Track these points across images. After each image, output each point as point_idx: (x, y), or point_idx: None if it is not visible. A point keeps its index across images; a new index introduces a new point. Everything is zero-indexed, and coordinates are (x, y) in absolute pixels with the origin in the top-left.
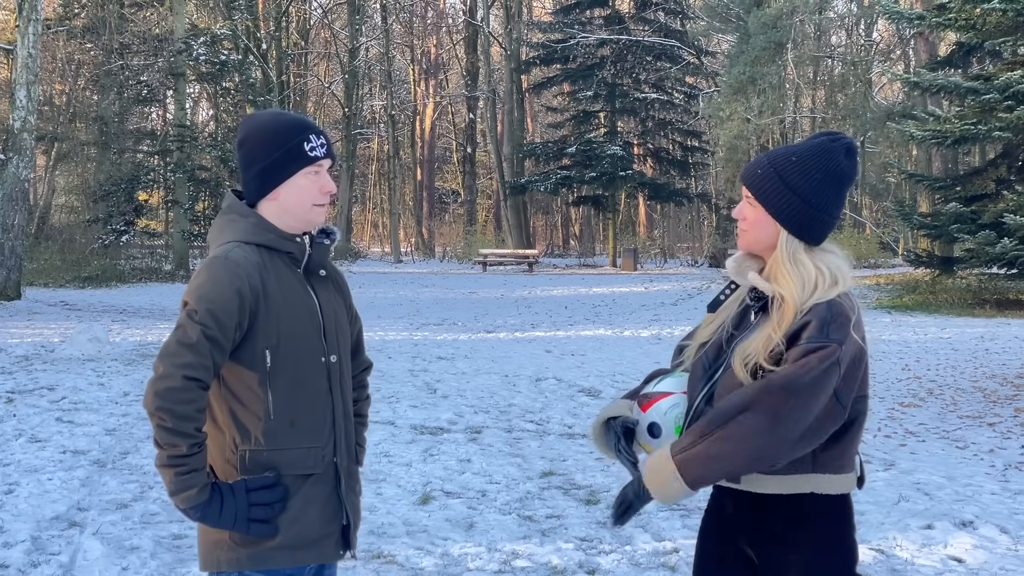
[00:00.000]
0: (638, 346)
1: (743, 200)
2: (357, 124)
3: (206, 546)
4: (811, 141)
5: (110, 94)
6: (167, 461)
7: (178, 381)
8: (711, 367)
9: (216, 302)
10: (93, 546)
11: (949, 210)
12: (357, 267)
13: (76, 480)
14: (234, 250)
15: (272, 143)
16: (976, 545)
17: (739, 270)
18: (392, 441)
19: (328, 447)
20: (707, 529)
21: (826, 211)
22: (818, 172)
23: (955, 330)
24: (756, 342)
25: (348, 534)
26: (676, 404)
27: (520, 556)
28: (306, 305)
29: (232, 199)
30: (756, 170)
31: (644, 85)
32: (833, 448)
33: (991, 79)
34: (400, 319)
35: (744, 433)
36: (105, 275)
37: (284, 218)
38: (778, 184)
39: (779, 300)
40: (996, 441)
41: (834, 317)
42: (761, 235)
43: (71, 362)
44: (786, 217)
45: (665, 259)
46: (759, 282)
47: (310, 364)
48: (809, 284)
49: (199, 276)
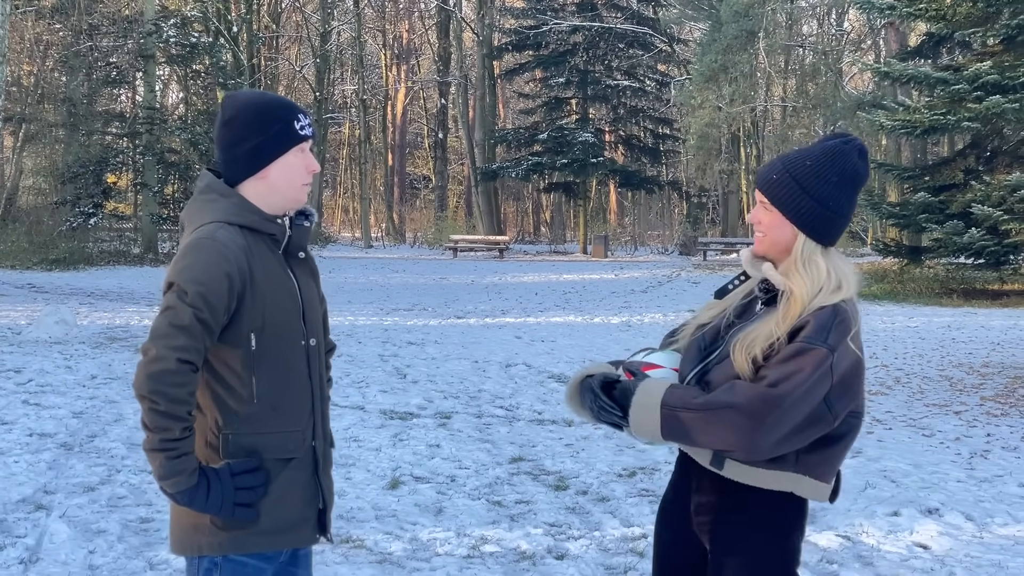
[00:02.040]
0: (608, 333)
1: (758, 205)
2: (328, 108)
3: (183, 530)
4: (823, 144)
5: (79, 75)
6: (159, 445)
7: (172, 364)
8: (706, 349)
9: (207, 284)
10: (60, 529)
11: (918, 200)
12: (327, 252)
13: (43, 463)
14: (219, 231)
15: (265, 121)
16: (942, 532)
17: (753, 262)
18: (361, 426)
19: (308, 430)
20: (663, 516)
21: (841, 213)
22: (834, 175)
23: (922, 319)
24: (759, 333)
25: (324, 518)
26: (666, 377)
27: (489, 541)
28: (287, 288)
29: (211, 178)
30: (771, 175)
31: (616, 72)
32: (818, 454)
33: (960, 70)
34: (370, 304)
35: (725, 426)
36: (73, 258)
37: (270, 197)
38: (795, 189)
39: (788, 295)
40: (962, 429)
41: (836, 323)
42: (778, 239)
43: (38, 345)
44: (804, 221)
45: (636, 247)
46: (773, 275)
47: (292, 348)
48: (818, 284)
49: (186, 257)
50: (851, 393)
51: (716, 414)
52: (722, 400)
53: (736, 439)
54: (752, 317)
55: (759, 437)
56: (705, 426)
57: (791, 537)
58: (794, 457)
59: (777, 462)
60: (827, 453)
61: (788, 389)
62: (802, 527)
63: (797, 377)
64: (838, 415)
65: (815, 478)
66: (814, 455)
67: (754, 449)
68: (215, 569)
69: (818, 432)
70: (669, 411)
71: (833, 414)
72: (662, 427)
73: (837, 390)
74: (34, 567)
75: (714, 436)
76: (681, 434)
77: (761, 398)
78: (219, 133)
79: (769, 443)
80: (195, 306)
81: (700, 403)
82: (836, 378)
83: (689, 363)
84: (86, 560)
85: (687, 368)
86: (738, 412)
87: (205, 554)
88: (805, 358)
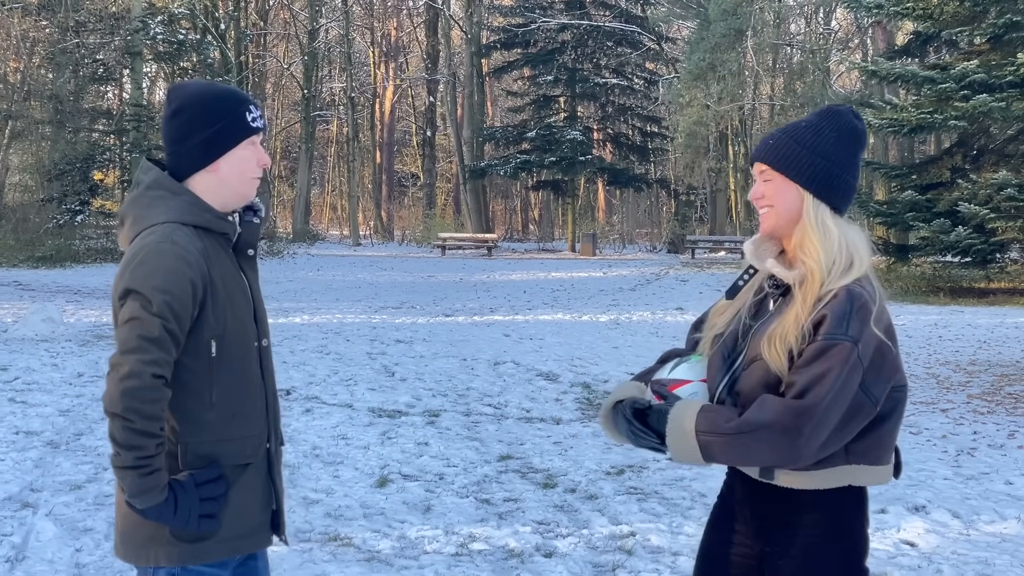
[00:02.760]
0: (596, 331)
1: (756, 182)
2: (316, 106)
3: (138, 539)
4: (816, 111)
5: (65, 72)
6: (132, 463)
7: (147, 380)
8: (730, 357)
9: (172, 293)
10: (46, 527)
11: (905, 198)
12: (315, 249)
13: (29, 461)
14: (176, 233)
15: (216, 112)
16: (928, 529)
17: (757, 254)
18: (350, 424)
19: (264, 434)
20: (717, 518)
21: (845, 168)
22: (831, 131)
23: (909, 317)
24: (786, 324)
25: (278, 518)
26: (696, 392)
27: (477, 539)
28: (242, 289)
29: (158, 172)
30: (768, 142)
31: (604, 70)
32: (867, 439)
33: (947, 68)
34: (358, 302)
35: (763, 447)
36: (59, 255)
37: (220, 192)
38: (792, 146)
39: (801, 280)
40: (949, 427)
41: (855, 310)
42: (785, 206)
43: (24, 342)
44: (808, 177)
45: (624, 244)
46: (777, 269)
47: (248, 351)
48: (832, 256)
49: (147, 262)
50: (886, 374)
51: (750, 436)
52: (754, 421)
53: (778, 456)
54: (768, 314)
55: (800, 449)
56: (742, 449)
57: (855, 531)
58: (843, 451)
59: (827, 460)
60: (876, 436)
61: (819, 395)
62: (865, 517)
63: (826, 380)
64: (879, 399)
65: (870, 463)
66: (863, 442)
67: (799, 460)
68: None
69: (863, 421)
70: (704, 438)
71: (873, 400)
72: (702, 454)
73: (871, 376)
74: (20, 565)
75: (755, 456)
76: (721, 459)
77: (793, 412)
78: (167, 126)
79: (812, 450)
80: (163, 316)
81: (732, 428)
82: (866, 364)
83: (716, 375)
84: (73, 558)
85: (715, 380)
86: (771, 431)
87: (163, 565)
88: (830, 357)
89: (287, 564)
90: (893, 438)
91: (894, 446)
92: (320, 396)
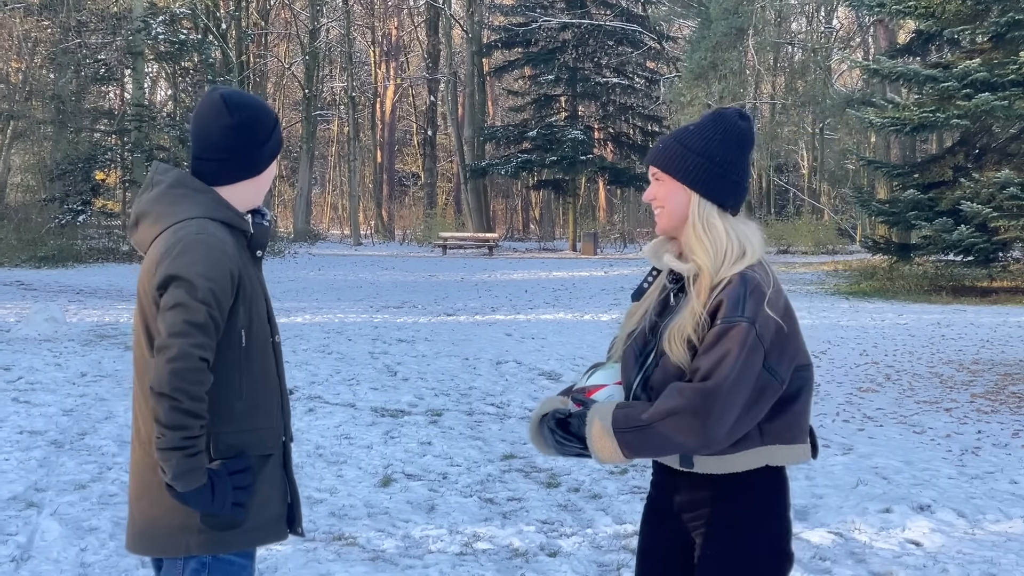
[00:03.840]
0: (598, 330)
1: (651, 183)
2: (317, 106)
3: (169, 531)
4: (704, 115)
5: (67, 72)
6: (178, 443)
7: (195, 361)
8: (641, 354)
9: (216, 281)
10: (51, 527)
11: (907, 197)
12: (316, 249)
13: (33, 460)
14: (211, 226)
15: (271, 126)
16: (934, 529)
17: (656, 254)
18: (352, 423)
19: (280, 426)
20: (649, 515)
21: (731, 170)
22: (716, 133)
23: (912, 316)
24: (683, 318)
25: (293, 512)
26: (612, 395)
27: (481, 539)
28: (259, 286)
29: (180, 172)
30: (657, 147)
31: (605, 69)
32: (780, 419)
33: (949, 67)
34: (360, 301)
35: (676, 432)
36: (61, 255)
37: (249, 197)
38: (679, 150)
39: (695, 275)
40: (953, 426)
41: (748, 293)
42: (675, 208)
43: (27, 342)
44: (693, 178)
45: (625, 244)
46: (674, 263)
47: (267, 345)
48: (720, 251)
49: (190, 251)
50: (789, 353)
51: (663, 424)
52: (664, 408)
53: (692, 440)
54: (672, 311)
55: (712, 430)
56: (658, 438)
57: (777, 514)
58: (757, 431)
59: (742, 442)
60: (789, 415)
61: (723, 375)
62: (786, 497)
63: (727, 360)
64: (784, 378)
65: (786, 443)
66: (776, 422)
67: (712, 443)
68: (203, 569)
69: (771, 400)
70: (622, 434)
71: (779, 379)
72: (622, 451)
73: (773, 355)
74: (26, 565)
75: (671, 444)
76: (641, 451)
77: (700, 394)
78: (224, 134)
79: (723, 432)
80: (207, 303)
81: (646, 418)
82: (767, 344)
83: (630, 372)
84: (78, 558)
85: (629, 378)
86: (683, 415)
87: (194, 553)
88: (729, 338)
89: (292, 563)
90: (806, 417)
91: (808, 425)
92: (323, 396)
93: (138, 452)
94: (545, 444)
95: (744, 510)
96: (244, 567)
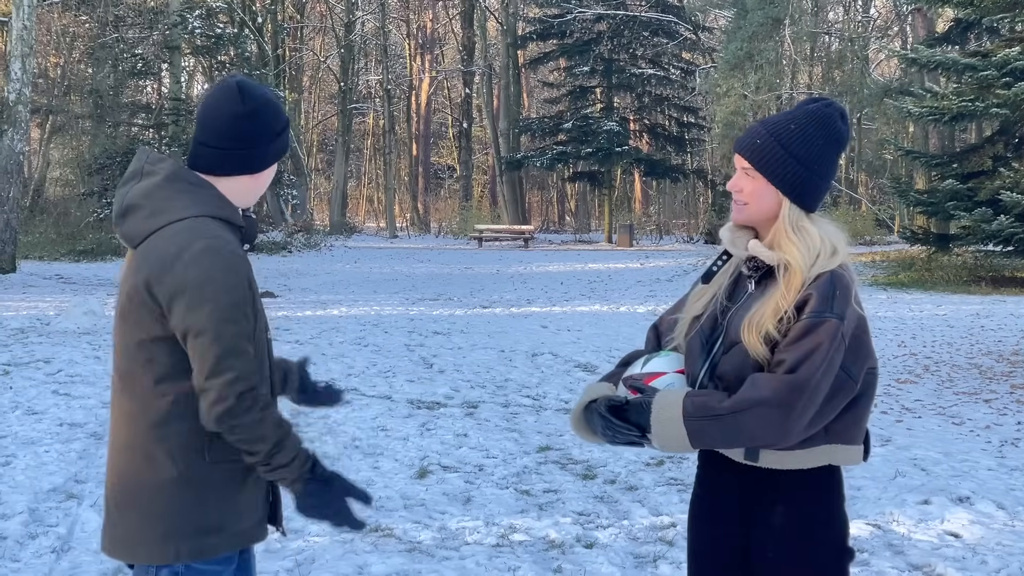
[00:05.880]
0: (634, 322)
1: (738, 173)
2: (353, 99)
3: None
4: (805, 107)
5: (105, 67)
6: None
7: (234, 400)
8: (708, 341)
9: (237, 292)
10: (91, 518)
11: (945, 187)
12: (352, 242)
13: (73, 452)
14: (215, 228)
15: (283, 121)
16: (973, 520)
17: (734, 240)
18: (389, 415)
19: None
20: (699, 513)
21: (825, 177)
22: (819, 138)
23: (951, 307)
24: (765, 311)
25: (276, 510)
26: (672, 383)
27: (518, 530)
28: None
29: (175, 164)
30: (755, 140)
31: (641, 61)
32: (845, 418)
33: (989, 56)
34: (396, 294)
35: (757, 424)
36: (100, 249)
37: (247, 193)
38: (779, 152)
39: (784, 268)
40: (992, 417)
41: (838, 290)
42: (762, 206)
43: (66, 335)
44: (791, 186)
45: (661, 235)
46: (761, 251)
47: (263, 343)
48: (814, 251)
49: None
50: (864, 353)
51: (745, 414)
52: (749, 399)
53: (771, 433)
54: (745, 297)
55: (792, 424)
56: (734, 429)
57: (835, 508)
58: (823, 430)
59: (809, 440)
60: (853, 416)
61: (811, 370)
62: (843, 494)
63: (816, 355)
64: (857, 379)
65: (846, 443)
66: (841, 422)
67: (789, 437)
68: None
69: (844, 401)
70: (694, 423)
71: (853, 379)
72: (690, 439)
73: (851, 355)
74: (66, 556)
75: (745, 435)
76: (711, 441)
77: (787, 386)
78: (233, 122)
79: (802, 427)
80: (235, 320)
81: (727, 407)
82: (848, 344)
83: (696, 360)
84: None
85: (695, 366)
86: (768, 407)
87: (183, 560)
88: (818, 333)
89: (329, 555)
90: (866, 418)
91: (866, 427)
92: (359, 388)
93: (120, 457)
94: (591, 431)
95: (808, 509)
96: (219, 572)
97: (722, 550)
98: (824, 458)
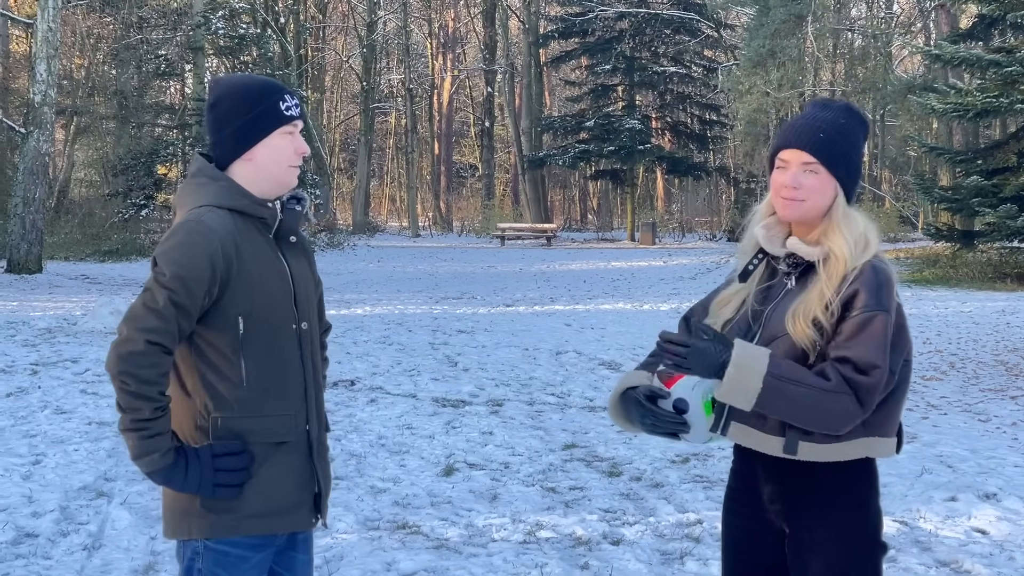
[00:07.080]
0: (657, 320)
1: (798, 168)
2: (375, 98)
3: (174, 514)
4: (837, 105)
5: (129, 68)
6: (130, 425)
7: (141, 345)
8: (744, 337)
9: (186, 267)
10: (121, 516)
11: (970, 184)
12: (375, 241)
13: (102, 451)
14: (207, 214)
15: (248, 102)
16: (1000, 517)
17: (771, 237)
18: (414, 413)
19: (300, 415)
20: (733, 505)
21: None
22: (860, 134)
23: (976, 304)
24: (810, 300)
25: (320, 502)
26: (702, 380)
27: (544, 527)
28: (278, 272)
29: (201, 162)
30: (818, 134)
31: (663, 58)
32: (882, 411)
33: (1013, 52)
34: (419, 293)
35: (836, 410)
36: (125, 249)
37: (258, 181)
38: (846, 148)
39: (823, 260)
40: (1019, 414)
41: (883, 283)
42: (820, 202)
43: (93, 335)
44: (851, 178)
45: (683, 233)
46: (801, 247)
47: (282, 331)
48: (860, 240)
49: (171, 238)
50: (902, 344)
51: (832, 397)
52: (837, 386)
53: (840, 422)
54: (783, 294)
55: (855, 419)
56: (811, 404)
57: (870, 500)
58: (861, 423)
59: (851, 431)
60: (889, 408)
61: (882, 372)
62: (877, 487)
63: (881, 351)
64: (896, 371)
65: (883, 436)
66: (878, 414)
67: (844, 430)
68: (197, 559)
69: (884, 392)
70: (776, 381)
71: (893, 372)
72: (759, 397)
73: (892, 349)
74: (97, 553)
75: (816, 416)
76: (776, 407)
77: (864, 387)
78: (206, 117)
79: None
80: (171, 288)
81: (816, 383)
82: (891, 336)
83: None
84: (148, 546)
85: None
86: (852, 399)
87: (196, 537)
88: (875, 327)
89: (357, 551)
90: (901, 410)
91: (900, 418)
92: (384, 386)
93: None
94: (628, 420)
95: (844, 500)
96: (242, 558)
97: (757, 543)
98: (862, 450)
